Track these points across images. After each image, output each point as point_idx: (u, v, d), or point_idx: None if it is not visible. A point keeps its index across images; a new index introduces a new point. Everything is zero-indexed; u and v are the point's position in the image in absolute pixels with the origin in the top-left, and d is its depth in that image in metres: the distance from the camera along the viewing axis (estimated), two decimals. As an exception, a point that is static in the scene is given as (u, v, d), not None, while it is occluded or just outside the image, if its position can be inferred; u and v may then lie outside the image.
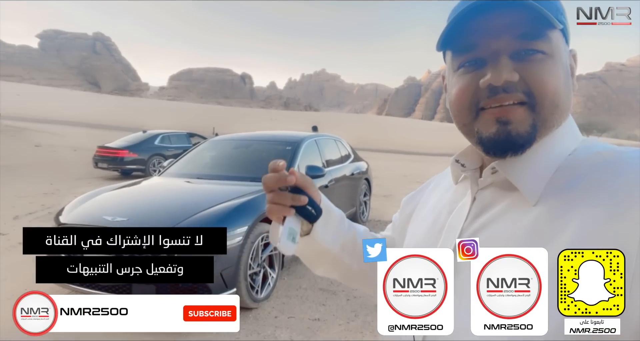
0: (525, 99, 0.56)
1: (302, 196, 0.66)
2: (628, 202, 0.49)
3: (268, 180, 0.66)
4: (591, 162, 0.56)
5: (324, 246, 0.74)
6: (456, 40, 0.60)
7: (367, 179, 6.85)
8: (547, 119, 0.57)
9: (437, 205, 0.73)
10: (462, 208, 0.65)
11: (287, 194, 0.66)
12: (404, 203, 0.86)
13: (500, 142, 0.57)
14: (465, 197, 0.66)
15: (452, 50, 0.62)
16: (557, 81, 0.57)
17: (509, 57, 0.56)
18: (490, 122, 0.58)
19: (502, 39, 0.56)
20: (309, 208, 0.67)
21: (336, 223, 0.76)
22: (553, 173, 0.57)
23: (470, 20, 0.57)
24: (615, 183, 0.51)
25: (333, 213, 0.76)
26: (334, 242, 0.76)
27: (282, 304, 3.71)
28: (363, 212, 6.62)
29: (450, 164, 0.70)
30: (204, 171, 4.86)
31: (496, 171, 0.61)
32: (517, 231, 0.55)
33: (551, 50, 0.57)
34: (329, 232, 0.74)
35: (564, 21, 0.59)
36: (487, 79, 0.56)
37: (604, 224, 0.49)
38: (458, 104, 0.61)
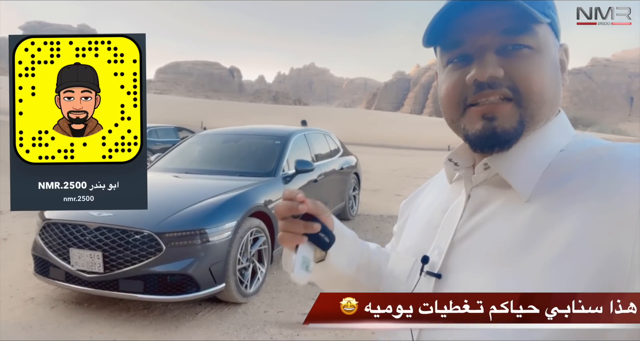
0: (511, 95, 0.56)
1: (314, 224, 0.64)
2: (622, 197, 0.49)
3: (280, 208, 0.64)
4: (584, 158, 0.56)
5: (339, 271, 0.73)
6: (443, 37, 0.60)
7: (357, 173, 6.86)
8: (535, 114, 0.57)
9: (432, 205, 0.73)
10: (457, 207, 0.65)
11: (299, 222, 0.64)
12: (401, 209, 0.86)
13: (486, 138, 0.57)
14: (460, 196, 0.66)
15: (440, 46, 0.62)
16: (543, 76, 0.57)
17: (495, 52, 0.56)
18: (476, 118, 0.58)
19: (488, 35, 0.56)
20: (322, 236, 0.65)
21: (350, 246, 0.74)
22: (546, 168, 0.57)
23: (456, 17, 0.57)
24: (609, 179, 0.51)
25: (346, 236, 0.74)
26: (349, 265, 0.74)
27: (271, 299, 3.71)
28: (352, 206, 6.63)
29: (444, 164, 0.70)
30: (192, 166, 4.82)
31: (489, 167, 0.61)
32: (511, 229, 0.55)
33: (538, 45, 0.57)
34: (343, 256, 0.72)
35: (552, 15, 0.58)
36: (472, 75, 0.56)
37: (598, 220, 0.49)
38: (446, 101, 0.61)
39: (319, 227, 0.64)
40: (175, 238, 3.15)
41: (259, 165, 4.69)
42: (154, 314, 3.36)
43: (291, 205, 0.63)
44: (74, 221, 3.29)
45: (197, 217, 3.33)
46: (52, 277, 3.37)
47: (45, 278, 3.42)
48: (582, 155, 0.56)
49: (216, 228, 3.29)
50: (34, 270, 3.53)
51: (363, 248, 0.79)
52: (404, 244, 0.74)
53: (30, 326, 3.14)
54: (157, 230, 3.14)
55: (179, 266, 3.13)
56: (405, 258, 0.69)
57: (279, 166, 4.57)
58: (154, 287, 3.13)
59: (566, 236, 0.50)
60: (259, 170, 4.54)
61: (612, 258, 0.47)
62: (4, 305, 3.43)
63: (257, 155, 4.93)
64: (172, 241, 3.13)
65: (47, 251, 3.34)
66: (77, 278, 3.22)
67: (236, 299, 3.49)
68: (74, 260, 3.20)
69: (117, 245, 3.13)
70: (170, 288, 3.16)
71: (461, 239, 0.61)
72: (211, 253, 3.25)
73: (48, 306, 3.44)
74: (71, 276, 3.25)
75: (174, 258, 3.13)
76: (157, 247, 3.11)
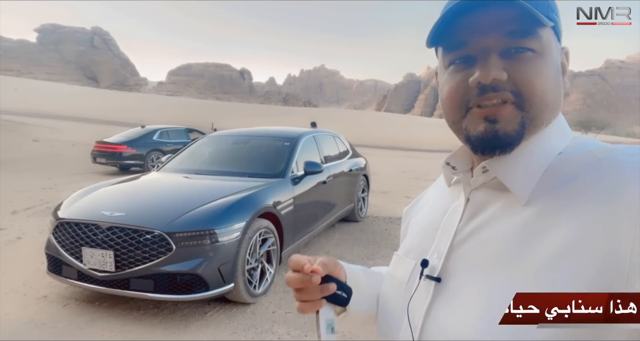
0: (513, 98, 0.56)
1: (330, 285, 0.63)
2: (620, 200, 0.49)
3: (292, 281, 0.64)
4: (583, 161, 0.55)
5: (363, 315, 0.74)
6: (446, 38, 0.60)
7: (366, 175, 6.85)
8: (536, 118, 0.57)
9: (432, 208, 0.73)
10: (456, 210, 0.65)
11: (314, 288, 0.63)
12: (404, 214, 0.86)
13: (488, 141, 0.57)
14: (459, 199, 0.66)
15: (442, 47, 0.62)
16: (545, 80, 0.57)
17: (499, 55, 0.56)
18: (478, 120, 0.58)
19: (491, 37, 0.56)
20: (339, 293, 0.65)
21: (364, 285, 0.74)
22: (544, 172, 0.57)
23: (460, 18, 0.57)
24: (607, 181, 0.51)
25: (358, 276, 0.74)
26: (370, 303, 0.75)
27: (279, 299, 3.73)
28: (361, 208, 6.63)
29: (442, 167, 0.70)
30: (202, 166, 4.86)
31: (487, 170, 0.61)
32: (510, 232, 0.55)
33: (541, 48, 0.57)
34: (362, 298, 0.73)
35: (555, 19, 0.59)
36: (476, 77, 0.56)
37: (596, 223, 0.49)
38: (448, 102, 0.61)
39: (335, 287, 0.64)
40: (185, 238, 3.18)
41: (268, 166, 4.72)
42: (164, 313, 3.40)
43: (303, 278, 0.63)
44: (86, 220, 3.35)
45: (207, 217, 3.36)
46: (65, 276, 3.42)
47: (58, 277, 3.48)
48: (580, 158, 0.56)
49: (225, 228, 3.31)
50: (47, 268, 3.59)
51: (376, 279, 0.79)
52: (404, 246, 0.74)
53: (42, 323, 3.19)
54: (168, 230, 3.18)
55: (189, 266, 3.16)
56: (405, 261, 0.70)
57: (288, 167, 4.59)
58: (164, 286, 3.16)
59: (564, 239, 0.50)
60: (268, 172, 4.56)
61: (610, 261, 0.47)
62: (18, 303, 3.49)
63: (267, 157, 4.96)
64: (182, 241, 3.17)
65: (60, 250, 3.40)
66: (89, 277, 3.27)
67: (245, 299, 3.51)
68: (86, 259, 3.25)
69: (129, 245, 3.17)
70: (179, 287, 3.19)
71: (460, 242, 0.61)
72: (220, 253, 3.27)
73: (60, 304, 3.50)
74: (83, 275, 3.30)
75: (183, 258, 3.16)
76: (167, 246, 3.15)
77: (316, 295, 0.64)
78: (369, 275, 0.78)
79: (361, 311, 0.73)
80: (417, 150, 31.87)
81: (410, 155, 25.00)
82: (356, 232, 5.98)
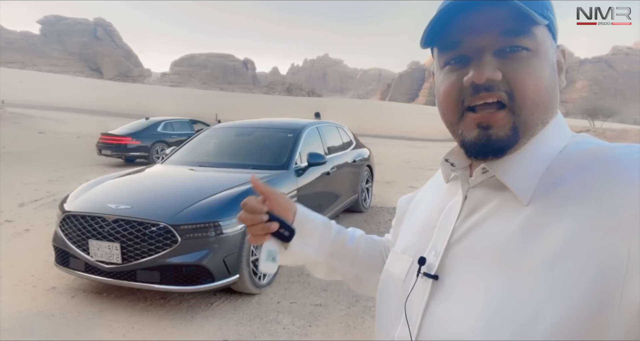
0: (506, 99, 0.56)
1: (272, 224, 0.76)
2: (617, 199, 0.49)
3: (244, 221, 0.78)
4: (580, 160, 0.55)
5: (307, 257, 0.83)
6: (441, 38, 0.60)
7: (369, 166, 6.85)
8: (528, 120, 0.57)
9: (430, 205, 0.73)
10: (454, 207, 0.65)
11: (259, 226, 0.77)
12: (399, 204, 0.87)
13: (481, 146, 0.58)
14: (457, 196, 0.66)
15: (438, 48, 0.62)
16: (540, 79, 0.57)
17: (493, 54, 0.56)
18: (471, 126, 0.58)
19: (486, 36, 0.56)
20: (282, 231, 0.77)
21: (318, 234, 0.84)
22: (544, 171, 0.57)
23: (453, 18, 0.57)
24: (604, 180, 0.51)
25: (313, 225, 0.84)
26: (319, 251, 0.84)
27: (284, 290, 3.77)
28: (365, 199, 6.64)
29: (440, 164, 0.70)
30: (207, 158, 4.88)
31: (487, 171, 0.61)
32: (508, 230, 0.55)
33: (536, 47, 0.57)
34: (312, 243, 0.83)
35: (550, 17, 0.58)
36: (470, 77, 0.56)
37: (593, 223, 0.49)
38: (444, 103, 0.61)
39: (277, 226, 0.77)
40: (190, 230, 3.21)
41: (271, 158, 4.73)
42: (170, 304, 3.44)
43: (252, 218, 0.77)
44: (92, 213, 3.38)
45: (211, 209, 3.38)
46: (72, 267, 3.47)
47: (66, 269, 3.53)
48: (579, 157, 0.56)
49: (230, 220, 3.34)
50: (54, 260, 3.64)
51: (339, 234, 0.88)
52: (401, 243, 0.75)
53: (52, 314, 3.25)
54: (173, 222, 3.21)
55: (194, 257, 3.20)
56: (402, 258, 0.70)
57: (291, 159, 4.60)
58: (170, 278, 3.21)
59: (562, 238, 0.50)
60: (272, 163, 4.57)
61: (608, 260, 0.47)
62: (27, 294, 3.56)
63: (270, 148, 4.96)
64: (187, 233, 3.20)
65: (67, 242, 3.45)
66: (96, 269, 3.32)
67: (250, 290, 3.56)
68: (93, 251, 3.29)
69: (134, 237, 3.21)
70: (185, 278, 3.23)
71: (457, 240, 0.61)
72: (225, 245, 3.30)
73: (69, 296, 3.55)
74: (90, 267, 3.35)
75: (189, 250, 3.20)
76: (172, 238, 3.18)
77: (260, 231, 0.77)
78: (328, 226, 0.87)
79: (303, 252, 0.81)
80: (422, 139, 31.73)
81: (415, 145, 24.91)
82: (360, 222, 6.00)
